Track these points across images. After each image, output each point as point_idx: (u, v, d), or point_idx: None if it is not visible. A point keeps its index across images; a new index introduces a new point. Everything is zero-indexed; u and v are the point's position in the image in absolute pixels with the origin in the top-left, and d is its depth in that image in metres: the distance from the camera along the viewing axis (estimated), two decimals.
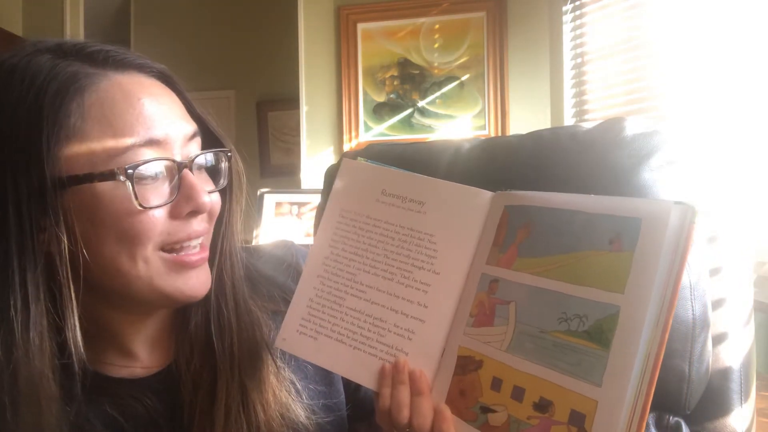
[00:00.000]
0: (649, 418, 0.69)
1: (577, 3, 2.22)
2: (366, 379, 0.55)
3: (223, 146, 0.60)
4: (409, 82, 2.54)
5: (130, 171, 0.50)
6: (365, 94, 2.57)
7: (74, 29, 2.75)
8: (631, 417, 0.42)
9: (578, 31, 2.24)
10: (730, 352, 0.74)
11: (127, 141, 0.51)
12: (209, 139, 0.60)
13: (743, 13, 1.56)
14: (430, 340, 0.54)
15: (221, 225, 0.60)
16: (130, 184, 0.50)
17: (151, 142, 0.52)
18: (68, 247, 0.50)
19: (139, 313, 0.58)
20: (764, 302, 1.24)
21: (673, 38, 1.83)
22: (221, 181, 0.60)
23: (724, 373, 0.74)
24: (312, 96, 2.63)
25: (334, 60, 2.61)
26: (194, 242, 0.56)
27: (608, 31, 2.10)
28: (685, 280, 0.69)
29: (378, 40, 2.57)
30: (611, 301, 0.44)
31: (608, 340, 0.43)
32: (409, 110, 2.54)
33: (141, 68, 0.55)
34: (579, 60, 2.24)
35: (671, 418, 0.69)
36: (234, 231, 0.62)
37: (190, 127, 0.56)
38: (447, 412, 0.51)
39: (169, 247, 0.54)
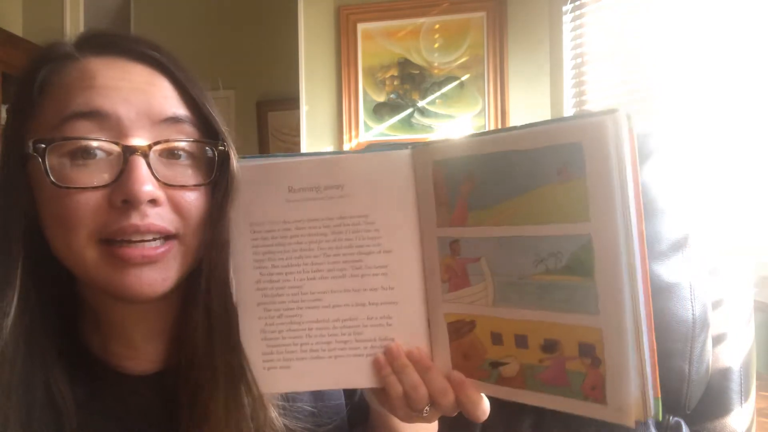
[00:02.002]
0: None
1: (577, 3, 2.22)
2: (363, 381, 0.52)
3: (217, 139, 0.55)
4: (409, 82, 2.54)
5: (40, 145, 0.48)
6: (365, 94, 2.57)
7: (74, 29, 2.75)
8: (637, 333, 0.42)
9: (578, 31, 2.24)
10: (730, 352, 0.74)
11: (64, 113, 0.49)
12: (212, 134, 0.55)
13: (742, 13, 1.56)
14: (411, 317, 0.52)
15: (215, 226, 0.54)
16: (40, 159, 0.48)
17: (91, 114, 0.49)
18: (28, 221, 0.50)
19: (131, 303, 0.55)
20: (764, 302, 1.24)
21: (672, 38, 1.83)
22: (210, 176, 0.54)
23: (724, 373, 0.74)
24: (312, 96, 2.62)
25: (334, 60, 2.61)
26: (136, 237, 0.49)
27: (608, 31, 2.10)
28: (685, 280, 0.69)
29: (378, 40, 2.56)
30: (581, 232, 0.44)
31: (590, 269, 0.43)
32: (409, 110, 2.54)
33: (128, 52, 0.53)
34: (579, 60, 2.24)
35: (671, 418, 0.69)
36: (224, 231, 0.54)
37: (170, 110, 0.52)
38: (462, 376, 0.50)
39: (107, 238, 0.49)
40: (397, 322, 0.52)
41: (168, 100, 0.53)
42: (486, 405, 0.52)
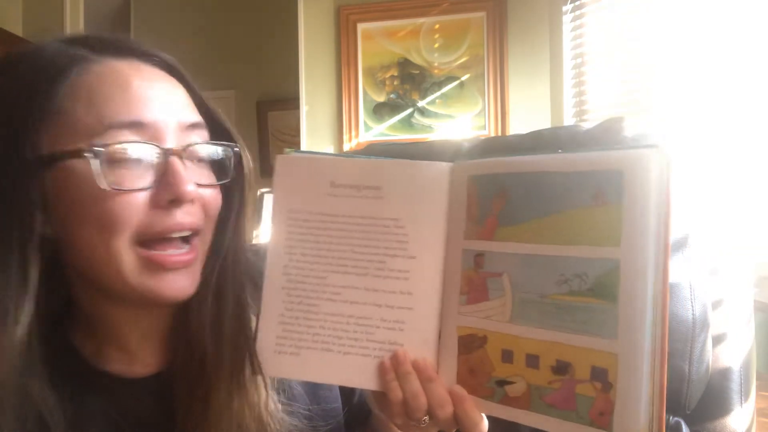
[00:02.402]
0: None
1: (577, 3, 2.22)
2: (365, 382, 0.53)
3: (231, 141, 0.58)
4: (409, 82, 2.54)
5: (98, 149, 0.48)
6: (365, 94, 2.57)
7: (74, 29, 2.75)
8: (653, 363, 0.42)
9: (578, 31, 2.24)
10: (730, 352, 0.74)
11: (107, 122, 0.49)
12: (219, 137, 0.58)
13: (742, 13, 1.56)
14: (423, 326, 0.52)
15: (226, 225, 0.58)
16: (98, 162, 0.48)
17: (135, 125, 0.50)
18: (45, 227, 0.50)
19: (133, 308, 0.56)
20: (764, 302, 1.24)
21: (672, 38, 1.83)
22: (226, 176, 0.57)
23: (724, 373, 0.74)
24: (312, 96, 2.62)
25: (334, 60, 2.61)
26: (176, 234, 0.52)
27: (608, 32, 2.10)
28: (685, 280, 0.69)
29: (378, 40, 2.56)
30: (609, 256, 0.44)
31: (614, 294, 0.43)
32: (409, 110, 2.54)
33: (144, 56, 0.54)
34: (579, 60, 2.24)
35: (671, 418, 0.69)
36: (240, 232, 0.58)
37: (191, 116, 0.55)
38: (463, 391, 0.50)
39: (147, 240, 0.51)
40: (409, 328, 0.52)
41: (188, 106, 0.55)
42: (485, 425, 0.52)
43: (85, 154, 0.48)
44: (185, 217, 0.52)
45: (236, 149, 0.58)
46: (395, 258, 0.53)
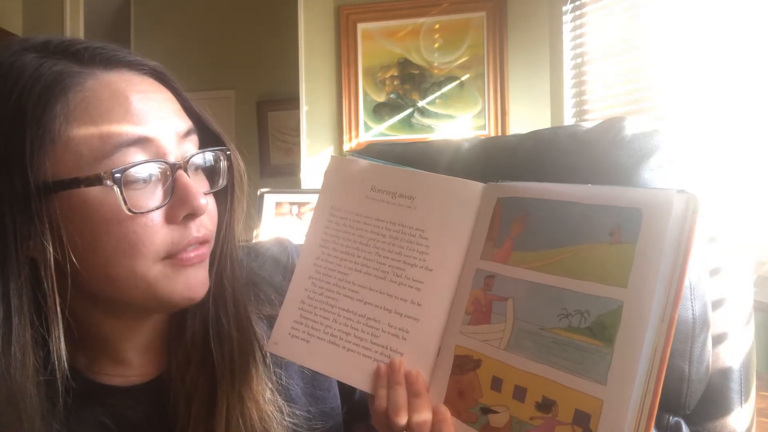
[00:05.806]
0: None
1: (577, 3, 2.22)
2: (360, 382, 0.53)
3: (222, 144, 0.57)
4: (409, 82, 2.54)
5: (117, 175, 0.47)
6: (365, 94, 2.57)
7: (74, 29, 2.75)
8: (639, 417, 0.40)
9: (578, 31, 2.24)
10: (730, 352, 0.74)
11: (114, 141, 0.48)
12: (208, 138, 0.57)
13: (742, 13, 1.56)
14: (425, 339, 0.52)
15: (221, 227, 0.58)
16: (118, 189, 0.47)
17: (140, 141, 0.49)
18: (54, 255, 0.47)
19: (133, 319, 0.56)
20: (764, 302, 1.24)
21: (672, 38, 1.83)
22: (220, 181, 0.57)
23: (724, 373, 0.74)
24: (312, 96, 2.62)
25: (334, 60, 2.61)
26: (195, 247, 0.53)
27: (608, 31, 2.10)
28: (685, 280, 0.69)
29: (378, 40, 2.57)
30: (614, 296, 0.43)
31: (611, 337, 0.42)
32: (409, 110, 2.54)
33: (131, 65, 0.52)
34: (579, 60, 2.24)
35: (671, 418, 0.69)
36: (234, 233, 0.59)
37: (184, 124, 0.53)
38: (447, 413, 0.50)
39: (173, 254, 0.51)
40: (411, 338, 0.53)
41: (180, 113, 0.54)
42: None
43: (107, 182, 0.47)
44: (200, 229, 0.53)
45: (228, 152, 0.57)
46: (413, 267, 0.54)
